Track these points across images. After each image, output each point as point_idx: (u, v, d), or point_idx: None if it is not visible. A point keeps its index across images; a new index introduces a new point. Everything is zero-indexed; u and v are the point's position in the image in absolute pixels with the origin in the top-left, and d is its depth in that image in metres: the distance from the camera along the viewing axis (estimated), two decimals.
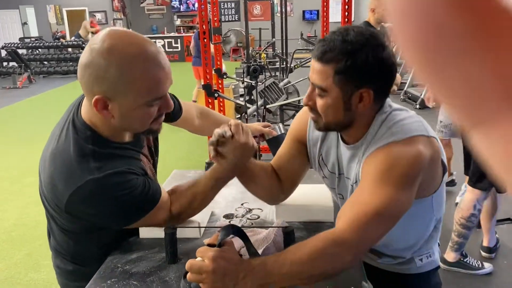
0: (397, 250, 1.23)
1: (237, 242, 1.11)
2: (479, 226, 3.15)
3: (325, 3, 4.35)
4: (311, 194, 1.37)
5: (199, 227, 1.21)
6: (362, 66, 0.97)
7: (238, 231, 0.99)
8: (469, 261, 2.62)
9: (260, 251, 1.06)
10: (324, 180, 1.29)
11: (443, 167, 1.11)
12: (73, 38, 13.49)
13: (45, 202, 1.17)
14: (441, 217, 1.24)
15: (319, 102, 1.04)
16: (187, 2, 17.06)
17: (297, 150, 1.28)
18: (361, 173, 1.07)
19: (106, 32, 0.98)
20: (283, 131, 1.52)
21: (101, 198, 1.04)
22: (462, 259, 2.62)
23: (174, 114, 1.39)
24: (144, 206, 1.10)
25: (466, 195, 2.51)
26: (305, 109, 1.22)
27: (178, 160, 5.01)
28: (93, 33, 12.45)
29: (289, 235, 1.06)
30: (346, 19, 3.47)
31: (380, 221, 0.96)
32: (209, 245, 0.95)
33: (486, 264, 2.64)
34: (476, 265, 2.61)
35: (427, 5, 0.29)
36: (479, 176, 2.39)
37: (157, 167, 1.37)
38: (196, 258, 0.92)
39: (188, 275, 0.90)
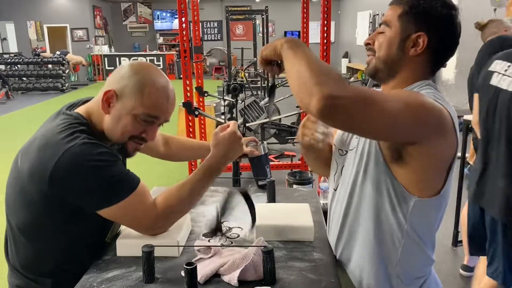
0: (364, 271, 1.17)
1: (214, 263, 1.11)
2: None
3: (305, 25, 4.43)
4: (291, 213, 1.36)
5: (178, 246, 1.20)
6: (427, 12, 1.08)
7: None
8: None
9: (238, 271, 1.05)
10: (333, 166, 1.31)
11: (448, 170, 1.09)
12: (58, 52, 13.39)
13: (12, 197, 1.19)
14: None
15: (379, 39, 1.14)
16: (169, 17, 17.15)
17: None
18: None
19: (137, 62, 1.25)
20: (266, 151, 1.53)
21: (84, 160, 1.09)
22: None
23: None
24: (125, 184, 1.14)
25: None
26: None
27: (158, 178, 4.95)
28: (73, 64, 13.99)
29: (268, 255, 1.05)
30: (325, 40, 3.54)
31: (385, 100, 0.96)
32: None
33: None
34: None
35: None
36: None
37: None
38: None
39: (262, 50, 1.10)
